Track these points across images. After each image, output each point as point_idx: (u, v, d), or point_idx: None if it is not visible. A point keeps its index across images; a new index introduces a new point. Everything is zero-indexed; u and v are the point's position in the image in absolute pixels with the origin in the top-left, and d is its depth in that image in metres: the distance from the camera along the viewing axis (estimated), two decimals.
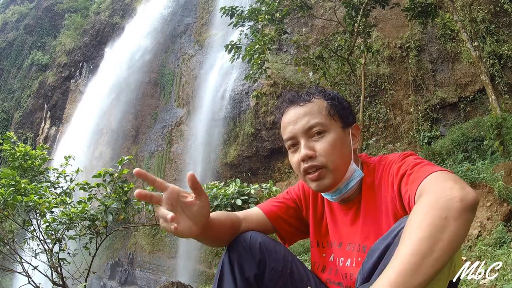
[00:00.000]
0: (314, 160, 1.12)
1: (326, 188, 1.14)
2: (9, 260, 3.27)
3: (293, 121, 1.17)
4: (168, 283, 2.62)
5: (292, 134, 1.16)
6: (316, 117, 1.15)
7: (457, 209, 0.82)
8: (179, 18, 18.03)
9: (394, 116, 10.72)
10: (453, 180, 0.88)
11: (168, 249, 14.69)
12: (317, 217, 1.31)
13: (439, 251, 0.79)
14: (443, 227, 0.81)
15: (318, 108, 1.16)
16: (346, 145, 1.16)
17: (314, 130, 1.13)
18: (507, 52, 9.30)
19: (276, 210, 1.31)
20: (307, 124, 1.14)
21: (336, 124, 1.16)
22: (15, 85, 21.42)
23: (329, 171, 1.12)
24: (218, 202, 3.19)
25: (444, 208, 0.83)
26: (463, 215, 0.81)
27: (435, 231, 0.80)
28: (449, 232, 0.80)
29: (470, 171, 5.10)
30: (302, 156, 1.12)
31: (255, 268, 1.13)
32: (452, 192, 0.85)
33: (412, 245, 0.80)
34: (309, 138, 1.14)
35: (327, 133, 1.14)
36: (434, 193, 0.87)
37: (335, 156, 1.12)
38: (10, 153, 3.82)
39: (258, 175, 12.72)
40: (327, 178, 1.12)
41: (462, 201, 0.82)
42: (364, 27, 7.12)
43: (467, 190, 0.85)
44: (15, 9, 23.84)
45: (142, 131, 17.63)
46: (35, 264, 3.22)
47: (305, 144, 1.13)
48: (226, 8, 6.71)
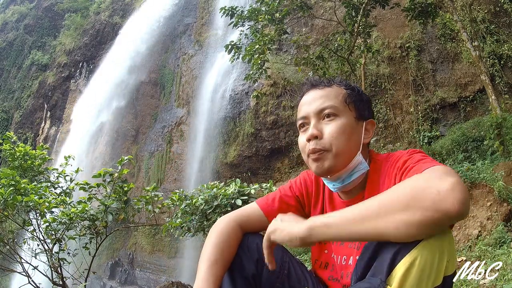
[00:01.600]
0: (319, 142, 1.12)
1: (325, 171, 1.12)
2: (9, 260, 3.27)
3: (308, 102, 1.19)
4: (168, 283, 2.62)
5: (304, 114, 1.18)
6: (331, 100, 1.16)
7: (427, 198, 0.81)
8: (179, 18, 18.02)
9: (394, 116, 10.72)
10: (453, 177, 0.86)
11: (168, 249, 14.69)
12: (318, 213, 1.29)
13: (383, 221, 0.84)
14: (403, 205, 0.83)
15: (335, 94, 1.18)
16: (355, 135, 1.15)
17: (325, 112, 1.14)
18: (507, 52, 9.30)
19: (277, 210, 1.28)
20: (320, 105, 1.15)
21: (350, 113, 1.16)
22: (15, 85, 21.42)
23: (331, 154, 1.11)
24: (218, 202, 3.18)
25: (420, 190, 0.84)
26: (428, 209, 0.80)
27: (394, 204, 0.84)
28: (402, 214, 0.82)
29: (470, 171, 5.09)
30: (309, 135, 1.13)
31: (253, 268, 1.13)
32: (440, 183, 0.83)
33: (373, 201, 0.89)
34: (319, 119, 1.15)
35: (338, 118, 1.14)
36: (427, 175, 0.88)
37: (340, 141, 1.11)
38: (10, 153, 3.82)
39: (258, 175, 12.72)
40: (327, 160, 1.11)
41: (439, 195, 0.81)
42: (364, 27, 7.12)
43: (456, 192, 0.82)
44: (15, 9, 23.83)
45: (142, 131, 17.63)
46: (35, 264, 3.22)
47: (314, 124, 1.14)
48: (226, 8, 6.71)
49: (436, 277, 0.85)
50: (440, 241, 0.85)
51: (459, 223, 4.60)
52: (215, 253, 1.11)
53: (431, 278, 0.84)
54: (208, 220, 3.27)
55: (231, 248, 1.15)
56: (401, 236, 0.83)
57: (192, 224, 3.33)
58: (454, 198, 0.80)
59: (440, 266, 0.85)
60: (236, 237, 1.18)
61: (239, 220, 1.23)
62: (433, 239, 0.84)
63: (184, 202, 3.37)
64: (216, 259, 1.10)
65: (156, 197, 3.26)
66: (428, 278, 0.84)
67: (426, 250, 0.83)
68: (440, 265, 0.85)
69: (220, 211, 3.16)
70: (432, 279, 0.84)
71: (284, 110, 12.07)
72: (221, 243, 1.14)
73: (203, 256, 1.12)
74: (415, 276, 0.83)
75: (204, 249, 1.14)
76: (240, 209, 1.31)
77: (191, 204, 3.30)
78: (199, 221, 3.29)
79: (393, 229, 0.83)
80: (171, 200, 3.47)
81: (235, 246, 1.16)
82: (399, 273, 0.84)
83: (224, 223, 1.21)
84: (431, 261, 0.84)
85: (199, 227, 3.31)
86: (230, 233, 1.18)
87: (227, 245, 1.14)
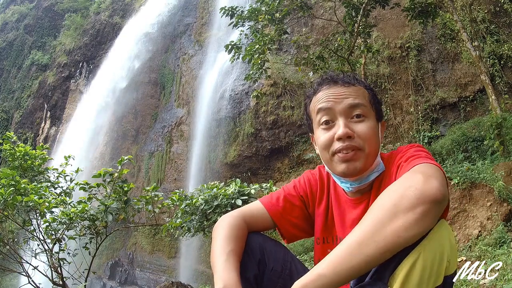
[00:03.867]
0: (352, 141, 1.09)
1: (356, 171, 1.10)
2: (9, 260, 3.27)
3: (335, 97, 1.13)
4: (168, 283, 2.62)
5: (331, 109, 1.13)
6: (361, 99, 1.14)
7: (409, 197, 0.82)
8: (179, 18, 18.02)
9: (394, 116, 10.72)
10: (423, 172, 0.88)
11: (168, 249, 14.69)
12: (322, 212, 1.28)
13: (380, 237, 0.81)
14: (392, 214, 0.83)
15: (362, 94, 1.16)
16: (377, 136, 1.16)
17: (355, 112, 1.12)
18: (507, 52, 9.29)
19: (281, 211, 1.27)
20: (353, 101, 1.12)
21: (373, 114, 1.16)
22: (15, 85, 21.42)
23: (365, 154, 1.10)
24: (218, 202, 3.19)
25: (399, 195, 0.84)
26: (416, 205, 0.81)
27: (382, 218, 0.83)
28: (396, 221, 0.82)
29: (470, 171, 5.09)
30: (342, 133, 1.08)
31: (255, 269, 1.13)
32: (412, 182, 0.85)
33: (359, 228, 0.85)
34: (348, 118, 1.12)
35: (367, 119, 1.13)
36: (399, 182, 0.89)
37: (371, 143, 1.11)
38: (10, 153, 3.82)
39: (258, 175, 12.72)
40: (360, 161, 1.09)
41: (417, 190, 0.83)
42: (364, 27, 7.11)
43: (430, 182, 0.84)
44: (15, 9, 23.83)
45: (142, 131, 17.63)
46: (35, 264, 3.22)
47: (345, 123, 1.10)
48: (226, 8, 6.71)
49: (437, 278, 0.85)
50: (440, 242, 0.85)
51: (459, 223, 4.60)
52: (229, 244, 1.09)
53: (432, 279, 0.84)
54: (208, 220, 3.27)
55: (242, 240, 1.13)
56: (405, 242, 0.82)
57: (192, 224, 3.33)
58: (432, 187, 0.83)
59: (441, 266, 0.85)
60: (243, 231, 1.16)
61: (243, 216, 1.21)
62: (433, 239, 0.84)
63: (184, 202, 3.38)
64: (231, 250, 1.08)
65: (156, 197, 3.26)
66: (429, 278, 0.84)
67: (427, 251, 0.83)
68: (440, 265, 0.85)
69: (220, 211, 3.16)
70: (433, 279, 0.84)
71: (284, 110, 12.07)
72: (232, 236, 1.12)
73: (216, 249, 1.09)
74: (416, 277, 0.83)
75: (215, 243, 1.12)
76: (243, 207, 1.30)
77: (191, 204, 3.30)
78: (199, 221, 3.29)
79: (396, 239, 0.81)
80: (171, 200, 3.47)
81: (244, 239, 1.14)
82: (401, 274, 0.84)
83: (230, 217, 1.20)
84: (431, 261, 0.84)
85: (199, 227, 3.31)
86: (239, 226, 1.16)
87: (239, 237, 1.13)
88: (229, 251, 1.07)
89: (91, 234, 3.12)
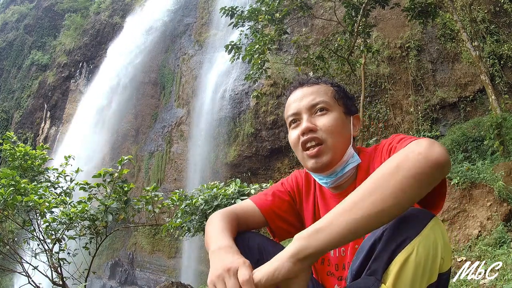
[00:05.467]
0: (315, 133, 1.14)
1: (323, 166, 1.14)
2: (9, 260, 3.27)
3: (299, 98, 1.21)
4: (168, 283, 2.62)
5: (296, 110, 1.20)
6: (322, 96, 1.20)
7: (412, 159, 0.82)
8: (179, 18, 18.02)
9: (394, 116, 10.72)
10: (425, 140, 0.88)
11: (168, 249, 14.69)
12: (310, 208, 1.30)
13: (377, 195, 0.81)
14: (391, 174, 0.82)
15: (325, 90, 1.22)
16: (346, 129, 1.20)
17: (318, 107, 1.18)
18: (507, 52, 9.29)
19: (271, 205, 1.29)
20: (312, 101, 1.19)
21: (339, 108, 1.20)
22: (15, 85, 21.42)
23: (328, 147, 1.13)
24: (218, 202, 3.19)
25: (401, 158, 0.84)
26: (417, 167, 0.81)
27: (382, 177, 0.83)
28: (394, 181, 0.81)
29: (470, 171, 5.09)
30: (303, 128, 1.15)
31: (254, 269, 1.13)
32: (416, 147, 0.86)
33: (359, 187, 0.86)
34: (312, 114, 1.18)
35: (330, 112, 1.18)
36: (402, 150, 0.89)
37: (335, 134, 1.15)
38: (10, 153, 3.82)
39: (258, 175, 12.72)
40: (326, 155, 1.13)
41: (420, 154, 0.83)
42: (364, 27, 7.11)
43: (434, 146, 0.84)
44: (15, 9, 23.83)
45: (142, 131, 17.63)
46: (35, 264, 3.22)
47: (307, 118, 1.17)
48: (226, 8, 6.70)
49: (431, 274, 0.85)
50: (434, 238, 0.85)
51: (459, 223, 4.60)
52: (223, 224, 1.11)
53: (426, 275, 0.84)
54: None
55: (235, 226, 1.15)
56: (402, 203, 0.81)
57: (192, 224, 3.33)
58: (436, 151, 0.83)
59: (435, 263, 0.85)
60: (235, 222, 1.18)
61: (233, 211, 1.23)
62: (426, 236, 0.84)
63: (184, 202, 3.38)
64: (226, 227, 1.09)
65: (156, 197, 3.26)
66: (423, 275, 0.84)
67: (420, 247, 0.83)
68: (434, 262, 0.85)
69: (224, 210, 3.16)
70: (427, 276, 0.84)
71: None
72: (225, 221, 1.14)
73: (211, 227, 1.11)
74: (410, 273, 0.83)
75: (208, 228, 1.13)
76: (233, 205, 1.32)
77: (191, 204, 3.30)
78: (199, 221, 3.29)
79: (392, 199, 0.80)
80: (171, 200, 3.47)
81: (236, 227, 1.16)
82: (394, 270, 0.84)
83: (222, 211, 1.22)
84: (425, 258, 0.84)
85: (199, 227, 3.32)
86: (230, 217, 1.18)
87: (232, 223, 1.15)
88: (223, 227, 1.09)
89: (91, 234, 3.12)
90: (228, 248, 0.96)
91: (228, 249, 0.96)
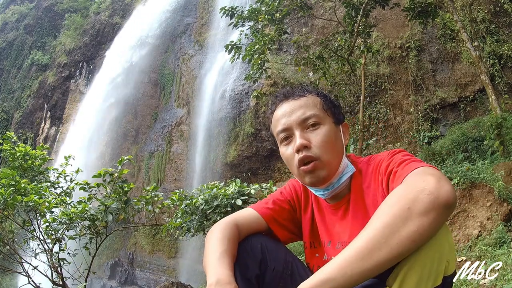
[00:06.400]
0: (309, 151, 1.11)
1: (320, 181, 1.13)
2: (9, 260, 3.27)
3: (288, 113, 1.17)
4: (168, 283, 2.62)
5: (286, 126, 1.16)
6: (311, 109, 1.16)
7: (424, 201, 0.82)
8: (179, 18, 18.02)
9: (394, 116, 10.72)
10: (432, 175, 0.87)
11: (168, 249, 14.69)
12: (308, 220, 1.30)
13: (394, 241, 0.80)
14: (405, 218, 0.81)
15: (313, 102, 1.18)
16: (339, 140, 1.18)
17: (309, 122, 1.14)
18: (507, 52, 9.29)
19: (272, 213, 1.29)
20: (303, 115, 1.15)
21: (329, 119, 1.18)
22: (15, 85, 21.42)
23: (323, 163, 1.12)
24: (218, 202, 3.18)
25: (411, 199, 0.83)
26: (430, 210, 0.81)
27: (395, 222, 0.82)
28: (410, 225, 0.81)
29: (470, 171, 5.09)
30: (298, 145, 1.11)
31: (257, 269, 1.12)
32: (425, 185, 0.84)
33: (369, 232, 0.83)
34: (304, 129, 1.15)
35: (322, 126, 1.15)
36: (408, 184, 0.88)
37: (329, 149, 1.13)
38: (10, 153, 3.82)
39: (258, 175, 12.72)
40: (322, 170, 1.12)
41: (431, 195, 0.82)
42: (364, 27, 7.11)
43: (443, 185, 0.84)
44: (15, 9, 23.83)
45: (142, 131, 17.63)
46: (35, 264, 3.22)
47: (300, 134, 1.13)
48: (226, 8, 6.70)
49: (436, 278, 0.85)
50: (439, 242, 0.85)
51: (459, 223, 4.60)
52: (221, 246, 1.09)
53: (431, 278, 0.84)
54: (208, 220, 3.27)
55: (235, 242, 1.14)
56: (416, 246, 0.82)
57: (192, 224, 3.33)
58: (445, 191, 0.83)
59: (440, 266, 0.85)
60: (236, 235, 1.17)
61: (235, 221, 1.22)
62: (432, 239, 0.84)
63: (184, 202, 3.38)
64: (225, 249, 1.08)
65: (156, 197, 3.26)
66: (428, 278, 0.83)
67: (426, 251, 0.83)
68: (440, 265, 0.85)
69: (220, 211, 3.16)
70: (432, 279, 0.84)
71: None
72: (226, 237, 1.13)
73: (210, 249, 1.10)
74: (415, 276, 0.83)
75: (208, 245, 1.12)
76: (234, 213, 1.31)
77: (191, 204, 3.30)
78: (199, 221, 3.29)
79: (410, 243, 0.80)
80: (171, 200, 3.47)
81: (236, 242, 1.15)
82: (400, 274, 0.83)
83: (223, 223, 1.21)
84: (430, 261, 0.83)
85: (199, 227, 3.31)
86: (231, 229, 1.17)
87: (232, 239, 1.14)
88: (222, 251, 1.07)
89: (91, 234, 3.12)
90: (226, 285, 0.95)
91: (227, 286, 0.95)
